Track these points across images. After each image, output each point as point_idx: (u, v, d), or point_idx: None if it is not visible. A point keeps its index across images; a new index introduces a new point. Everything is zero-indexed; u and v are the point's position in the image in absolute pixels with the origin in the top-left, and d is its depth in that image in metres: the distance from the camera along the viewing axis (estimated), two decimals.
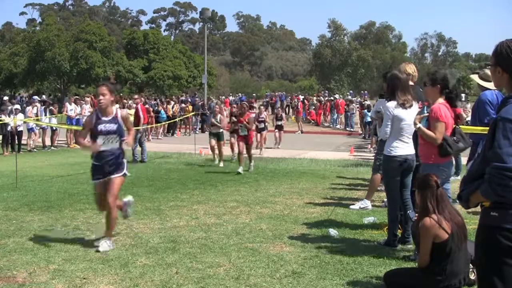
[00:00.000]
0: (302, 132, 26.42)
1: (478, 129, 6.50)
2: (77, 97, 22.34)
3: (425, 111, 5.18)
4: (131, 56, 49.15)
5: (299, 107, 29.15)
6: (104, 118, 5.61)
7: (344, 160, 14.18)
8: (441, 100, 5.09)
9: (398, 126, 5.44)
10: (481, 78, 6.75)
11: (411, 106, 5.47)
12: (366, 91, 50.37)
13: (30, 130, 16.45)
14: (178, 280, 4.56)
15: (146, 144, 14.21)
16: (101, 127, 5.57)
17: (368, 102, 25.30)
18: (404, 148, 5.48)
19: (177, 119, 23.38)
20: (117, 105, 10.37)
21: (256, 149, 15.21)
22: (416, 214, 4.30)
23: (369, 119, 21.76)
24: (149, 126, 15.01)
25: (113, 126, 5.60)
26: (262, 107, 17.98)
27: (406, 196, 5.61)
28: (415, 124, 5.16)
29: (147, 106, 19.80)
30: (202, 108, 26.29)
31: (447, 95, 5.13)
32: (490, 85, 6.45)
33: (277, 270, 4.82)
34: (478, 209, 2.78)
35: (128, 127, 5.82)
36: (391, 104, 5.47)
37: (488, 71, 6.50)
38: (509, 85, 2.69)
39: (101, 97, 5.58)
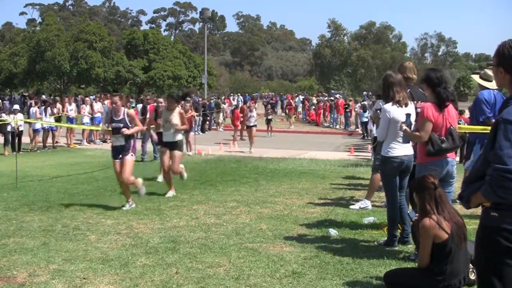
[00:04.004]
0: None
1: (478, 128, 6.50)
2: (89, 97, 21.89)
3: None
4: (131, 56, 49.14)
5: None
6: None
7: (344, 160, 14.17)
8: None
9: (395, 127, 5.43)
10: (482, 78, 6.76)
11: (406, 104, 5.47)
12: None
13: (37, 131, 16.40)
14: (178, 280, 4.57)
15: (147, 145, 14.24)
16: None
17: (365, 102, 25.33)
18: (401, 149, 5.48)
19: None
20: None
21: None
22: (417, 214, 4.30)
23: (364, 119, 21.79)
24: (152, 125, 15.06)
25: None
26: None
27: (401, 198, 5.61)
28: (401, 127, 5.21)
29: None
30: (203, 108, 26.29)
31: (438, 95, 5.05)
32: (491, 85, 6.46)
33: (277, 270, 4.82)
34: (479, 209, 2.78)
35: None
36: (388, 106, 5.47)
37: (488, 71, 6.51)
38: (511, 86, 2.68)
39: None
